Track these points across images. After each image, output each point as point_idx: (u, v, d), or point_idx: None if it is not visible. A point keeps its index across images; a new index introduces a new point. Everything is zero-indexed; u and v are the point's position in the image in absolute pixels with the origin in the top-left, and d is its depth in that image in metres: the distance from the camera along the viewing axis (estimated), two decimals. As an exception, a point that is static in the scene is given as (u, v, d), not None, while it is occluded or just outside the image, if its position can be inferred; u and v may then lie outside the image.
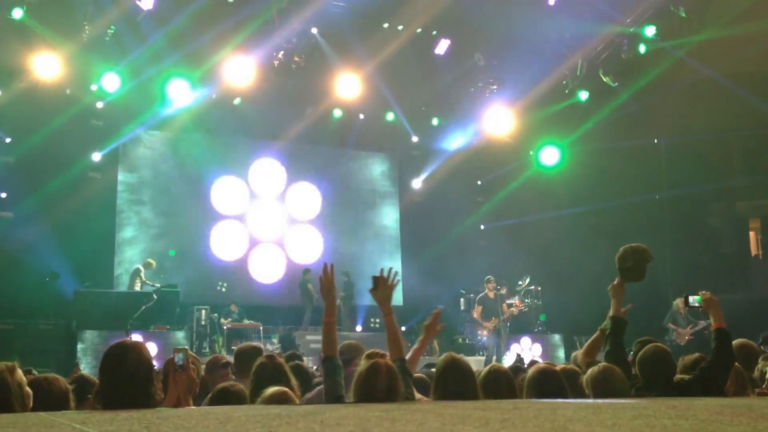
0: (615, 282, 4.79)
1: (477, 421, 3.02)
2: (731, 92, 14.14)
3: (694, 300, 4.64)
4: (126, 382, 3.18)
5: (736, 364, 4.65)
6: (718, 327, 4.48)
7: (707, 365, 4.41)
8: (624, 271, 4.76)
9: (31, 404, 3.55)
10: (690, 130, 15.50)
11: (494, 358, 12.98)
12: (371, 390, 3.69)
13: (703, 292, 4.63)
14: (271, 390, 3.98)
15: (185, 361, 3.72)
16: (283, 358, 5.51)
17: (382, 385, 3.70)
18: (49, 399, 3.76)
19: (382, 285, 4.41)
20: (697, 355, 5.03)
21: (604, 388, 4.10)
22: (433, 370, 4.82)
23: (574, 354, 7.00)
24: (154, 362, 3.66)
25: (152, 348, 11.29)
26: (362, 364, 3.84)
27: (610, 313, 4.75)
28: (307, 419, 2.85)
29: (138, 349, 3.29)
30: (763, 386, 5.03)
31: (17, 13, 13.09)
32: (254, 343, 8.82)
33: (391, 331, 4.41)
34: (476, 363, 11.16)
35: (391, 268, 4.49)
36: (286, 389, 4.08)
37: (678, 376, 4.49)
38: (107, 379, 3.25)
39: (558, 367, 4.55)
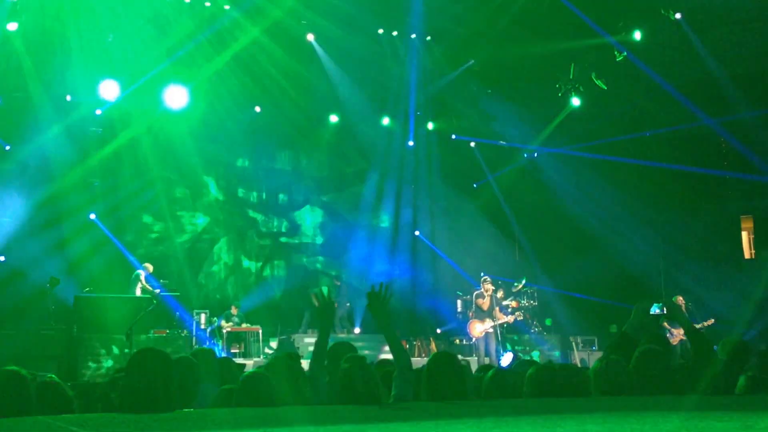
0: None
1: (472, 419, 3.09)
2: (722, 91, 14.19)
3: (654, 307, 4.75)
4: (148, 385, 3.52)
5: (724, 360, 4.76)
6: (688, 330, 4.72)
7: (691, 365, 4.53)
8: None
9: (35, 408, 3.65)
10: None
11: (486, 359, 12.99)
12: (351, 390, 3.75)
13: (665, 300, 4.78)
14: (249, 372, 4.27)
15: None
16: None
17: (360, 386, 3.75)
18: (52, 403, 3.88)
19: (374, 300, 4.33)
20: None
21: (608, 382, 4.20)
22: None
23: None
24: None
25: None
26: (342, 365, 3.90)
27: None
28: (303, 420, 2.92)
29: (161, 356, 3.68)
30: None
31: (12, 26, 13.08)
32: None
33: (391, 344, 4.33)
34: (473, 364, 11.21)
35: (382, 283, 4.39)
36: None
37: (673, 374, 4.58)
38: (131, 382, 3.57)
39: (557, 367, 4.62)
